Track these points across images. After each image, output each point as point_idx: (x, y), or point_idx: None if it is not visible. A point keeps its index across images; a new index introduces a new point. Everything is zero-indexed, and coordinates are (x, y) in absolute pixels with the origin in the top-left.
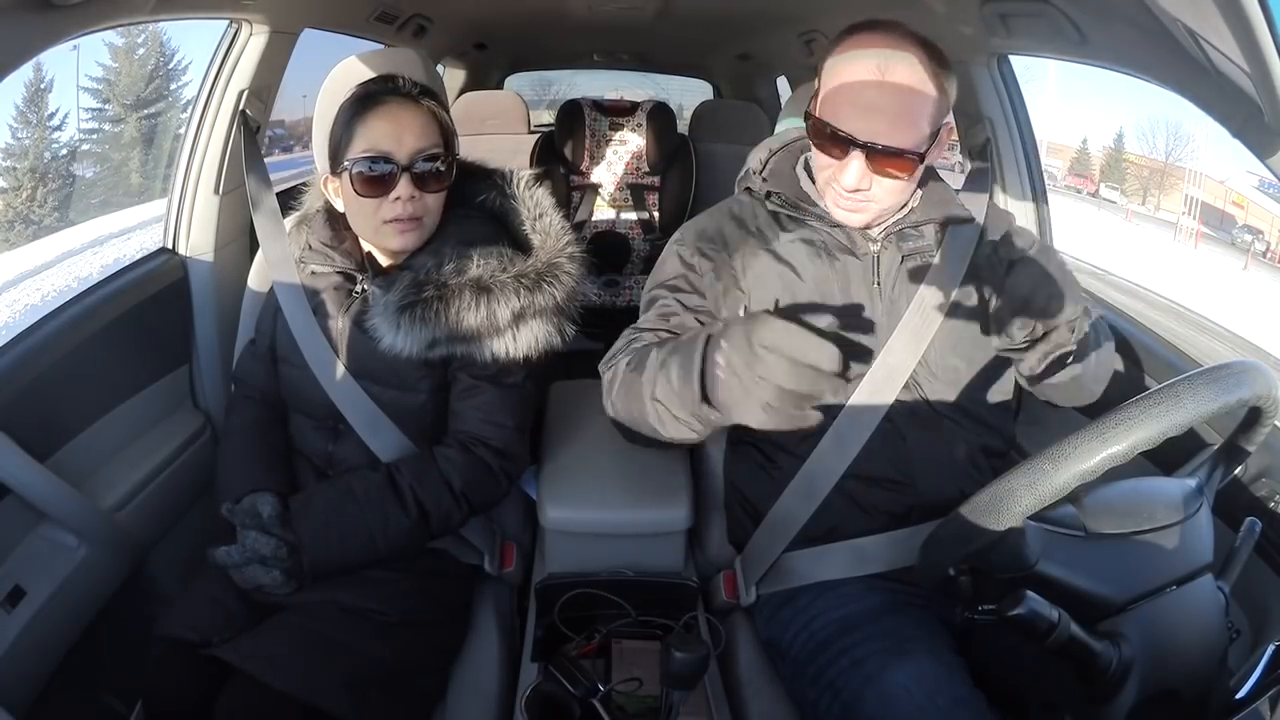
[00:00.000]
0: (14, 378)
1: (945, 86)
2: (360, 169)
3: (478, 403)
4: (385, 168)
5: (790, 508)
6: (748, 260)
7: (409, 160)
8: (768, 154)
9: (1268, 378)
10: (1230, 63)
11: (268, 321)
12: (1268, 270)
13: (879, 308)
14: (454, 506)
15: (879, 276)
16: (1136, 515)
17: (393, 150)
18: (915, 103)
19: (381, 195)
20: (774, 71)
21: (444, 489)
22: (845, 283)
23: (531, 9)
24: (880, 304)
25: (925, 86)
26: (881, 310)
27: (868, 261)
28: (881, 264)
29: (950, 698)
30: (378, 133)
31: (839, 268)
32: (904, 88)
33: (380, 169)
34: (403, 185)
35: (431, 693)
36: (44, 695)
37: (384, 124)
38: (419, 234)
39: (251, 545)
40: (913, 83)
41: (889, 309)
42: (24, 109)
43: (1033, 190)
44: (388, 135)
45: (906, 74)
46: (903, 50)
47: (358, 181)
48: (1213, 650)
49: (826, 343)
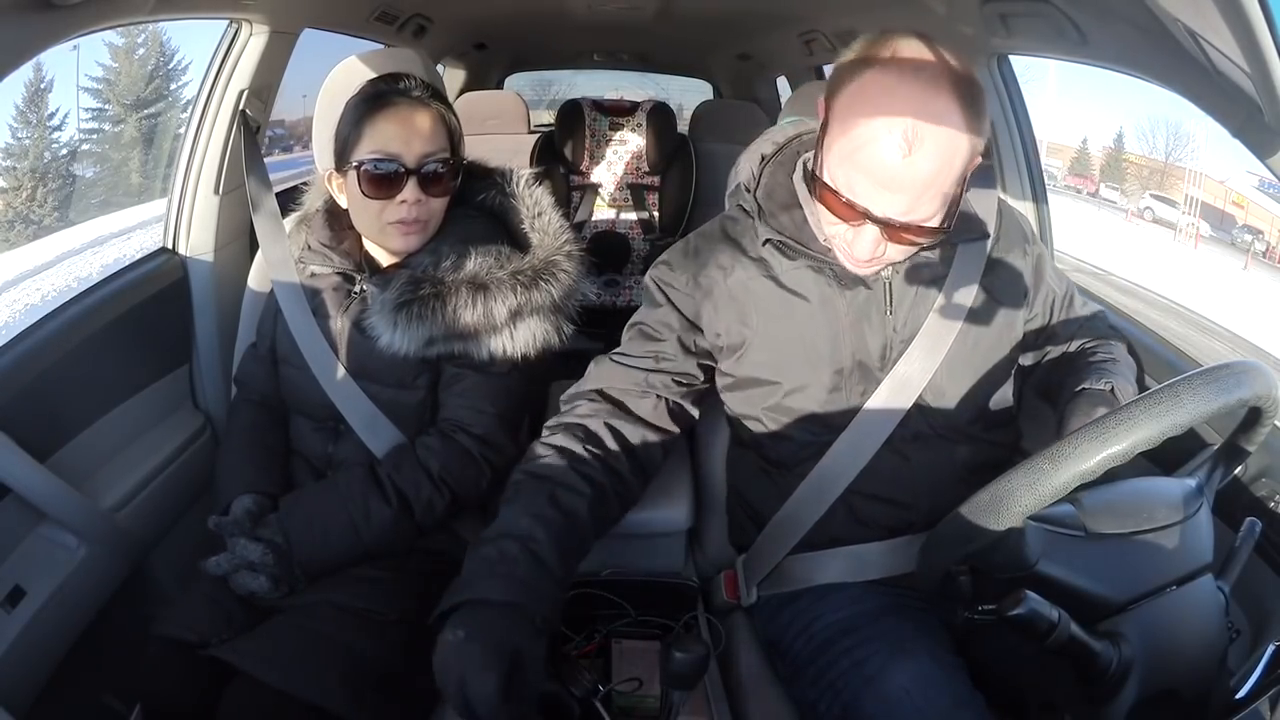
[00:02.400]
0: (14, 378)
1: (979, 128)
2: (368, 169)
3: (459, 389)
4: (393, 169)
5: (795, 514)
6: (750, 290)
7: (417, 163)
8: (760, 162)
9: (1268, 378)
10: (1230, 63)
11: (268, 324)
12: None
13: (891, 330)
14: (434, 493)
15: (892, 305)
16: (1136, 515)
17: (401, 152)
18: (943, 174)
19: (388, 197)
20: (774, 71)
21: (422, 475)
22: (858, 313)
23: (531, 9)
24: (893, 327)
25: (957, 148)
26: (894, 332)
27: (879, 288)
28: (894, 288)
29: (950, 698)
30: (387, 134)
31: (849, 296)
32: (933, 161)
33: (388, 170)
34: (409, 189)
35: (431, 692)
36: (44, 695)
37: (393, 125)
38: (422, 235)
39: (240, 552)
40: (944, 154)
41: (901, 328)
42: (24, 109)
43: (1033, 190)
44: (397, 137)
45: (936, 146)
46: (935, 105)
47: (365, 181)
48: (1213, 650)
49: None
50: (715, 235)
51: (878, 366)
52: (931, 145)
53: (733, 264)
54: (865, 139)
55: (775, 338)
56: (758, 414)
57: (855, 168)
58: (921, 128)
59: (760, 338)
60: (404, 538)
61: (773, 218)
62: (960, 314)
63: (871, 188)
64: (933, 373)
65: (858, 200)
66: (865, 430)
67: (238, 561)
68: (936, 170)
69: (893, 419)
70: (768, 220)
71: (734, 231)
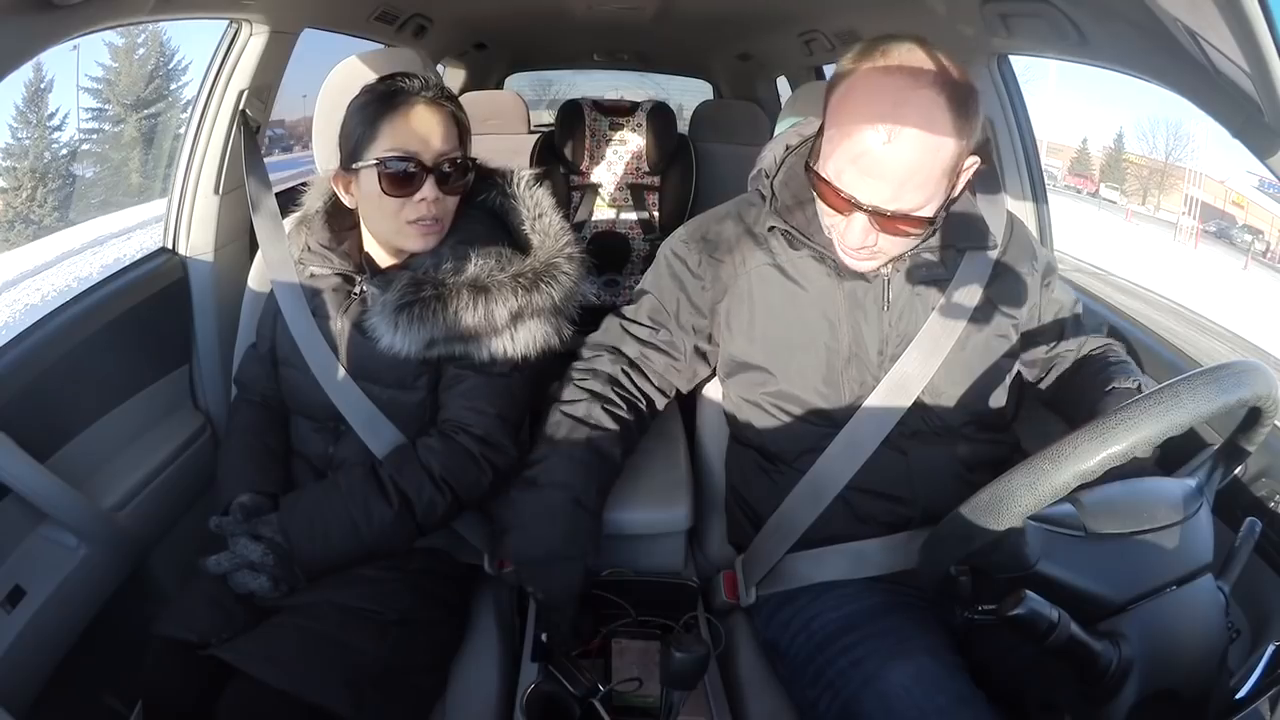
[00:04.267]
0: (14, 378)
1: (966, 128)
2: (387, 168)
3: (460, 390)
4: (412, 167)
5: (793, 512)
6: (753, 271)
7: (434, 161)
8: (784, 151)
9: (1268, 378)
10: (1230, 63)
11: (268, 325)
12: (1268, 270)
13: (888, 326)
14: (436, 494)
15: (889, 300)
16: (1136, 515)
17: (419, 151)
18: (925, 164)
19: (407, 195)
20: (774, 71)
21: (424, 476)
22: (854, 303)
23: (531, 9)
24: (889, 323)
25: (939, 141)
26: (889, 327)
27: (878, 284)
28: (893, 286)
29: (950, 696)
30: (405, 132)
31: (848, 289)
32: (913, 150)
33: (408, 168)
34: (428, 187)
35: (430, 691)
36: (44, 695)
37: (411, 124)
38: (439, 235)
39: (241, 551)
40: (924, 143)
41: (898, 325)
42: (24, 109)
43: (1033, 190)
44: (415, 136)
45: (917, 134)
46: (917, 96)
47: (385, 180)
48: (1213, 650)
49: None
50: (729, 217)
51: (875, 362)
52: (912, 134)
53: (742, 247)
54: (852, 130)
55: (775, 323)
56: (756, 400)
57: (843, 157)
58: (903, 117)
59: (761, 322)
60: (405, 538)
61: (785, 208)
62: (962, 317)
63: (858, 176)
64: (932, 374)
65: (844, 188)
66: (863, 428)
67: (239, 561)
68: (918, 159)
69: (891, 417)
70: (779, 210)
71: (748, 216)
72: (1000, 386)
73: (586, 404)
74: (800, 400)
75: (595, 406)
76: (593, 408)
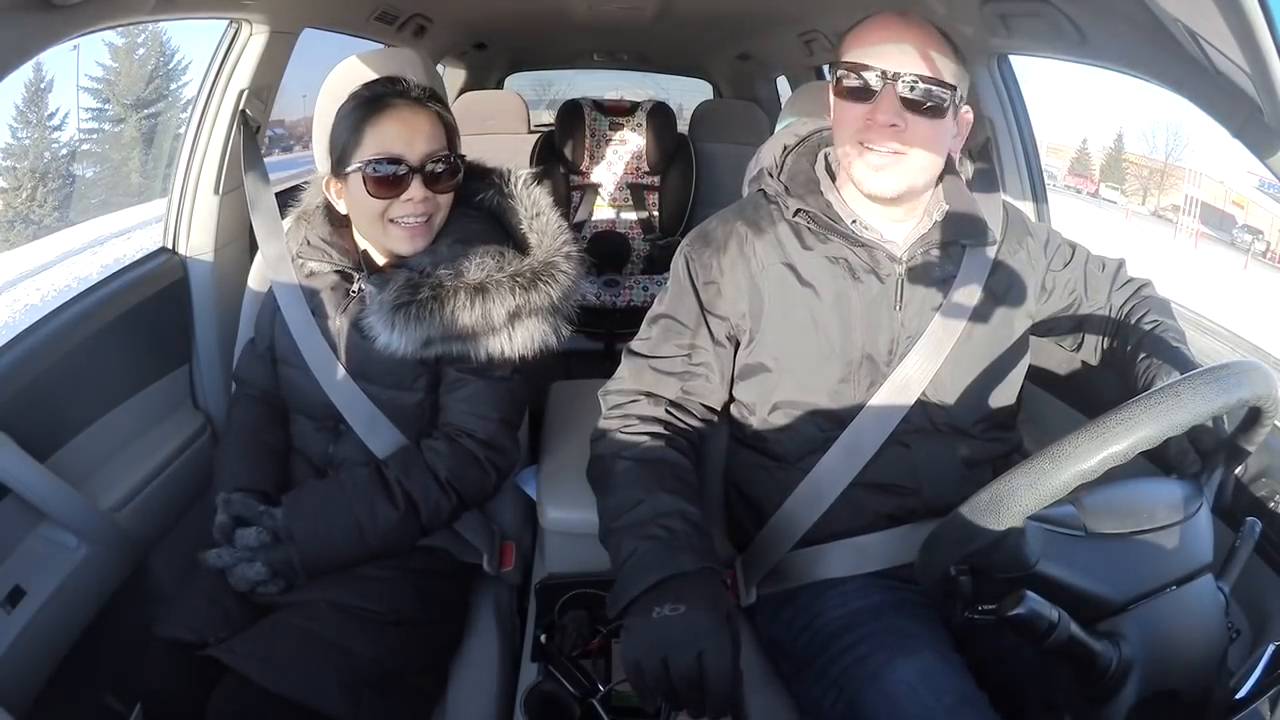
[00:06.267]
0: (14, 378)
1: (959, 65)
2: (372, 171)
3: (463, 395)
4: (398, 169)
5: (795, 512)
6: (765, 272)
7: (420, 162)
8: (783, 150)
9: (1268, 378)
10: (1230, 63)
11: (266, 323)
12: (1268, 270)
13: (899, 326)
14: (442, 497)
15: (901, 302)
16: (1136, 515)
17: (404, 153)
18: (937, 44)
19: (393, 197)
20: (774, 71)
21: (430, 480)
22: (866, 304)
23: (531, 9)
24: (900, 323)
25: (941, 41)
26: (900, 329)
27: (891, 284)
28: (904, 287)
29: (956, 695)
30: (388, 135)
31: (861, 290)
32: (918, 26)
33: (393, 170)
34: (415, 187)
35: (429, 692)
36: (44, 695)
37: (394, 127)
38: (427, 236)
39: (241, 542)
40: (927, 27)
41: (907, 326)
42: (24, 109)
43: (1033, 190)
44: (398, 138)
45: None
46: (914, 24)
47: (370, 182)
48: (1213, 650)
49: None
50: (735, 220)
51: (884, 362)
52: (914, 18)
53: (751, 250)
54: (863, 32)
55: (789, 326)
56: (767, 404)
57: (856, 45)
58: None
59: (774, 325)
60: (409, 540)
61: (799, 198)
62: (963, 315)
63: (873, 48)
64: (934, 372)
65: (865, 60)
66: (868, 426)
67: (240, 554)
68: (925, 31)
69: (895, 416)
70: (796, 195)
71: (753, 218)
72: (1006, 383)
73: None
74: (809, 403)
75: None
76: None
